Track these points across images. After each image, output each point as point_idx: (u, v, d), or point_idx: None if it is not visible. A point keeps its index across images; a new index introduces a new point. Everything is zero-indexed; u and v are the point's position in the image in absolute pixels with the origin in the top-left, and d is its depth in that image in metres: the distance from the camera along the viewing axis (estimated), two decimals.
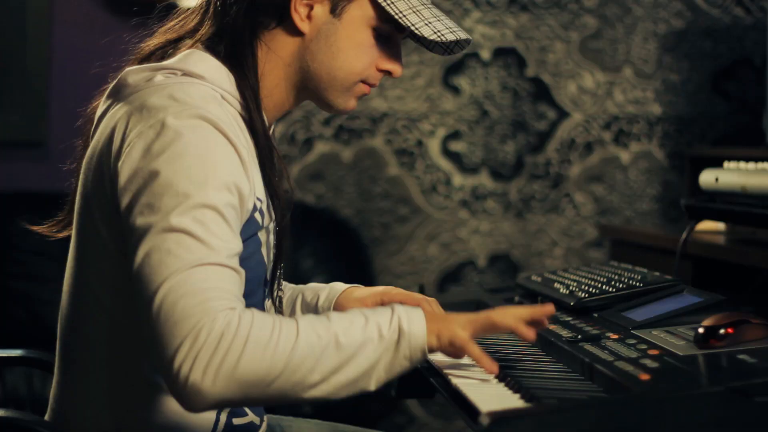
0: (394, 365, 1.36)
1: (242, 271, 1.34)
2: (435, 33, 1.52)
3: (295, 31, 1.52)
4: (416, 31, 1.51)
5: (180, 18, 1.59)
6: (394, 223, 3.41)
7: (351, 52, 1.52)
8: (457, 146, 3.41)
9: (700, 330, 1.50)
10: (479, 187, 3.42)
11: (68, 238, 1.56)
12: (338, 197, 3.40)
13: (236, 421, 1.52)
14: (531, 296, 2.04)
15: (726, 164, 2.21)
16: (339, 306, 1.73)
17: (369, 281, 3.32)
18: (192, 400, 1.25)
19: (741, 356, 1.43)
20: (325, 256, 3.27)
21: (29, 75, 3.37)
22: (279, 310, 1.66)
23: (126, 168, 1.35)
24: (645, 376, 1.37)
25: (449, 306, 1.74)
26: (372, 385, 1.34)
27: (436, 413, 3.39)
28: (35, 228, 1.63)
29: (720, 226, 2.48)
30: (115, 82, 1.50)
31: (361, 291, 1.74)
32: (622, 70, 3.46)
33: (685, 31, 3.47)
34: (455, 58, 3.36)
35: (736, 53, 3.48)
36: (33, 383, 2.97)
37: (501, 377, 1.48)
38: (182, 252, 1.28)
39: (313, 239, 3.27)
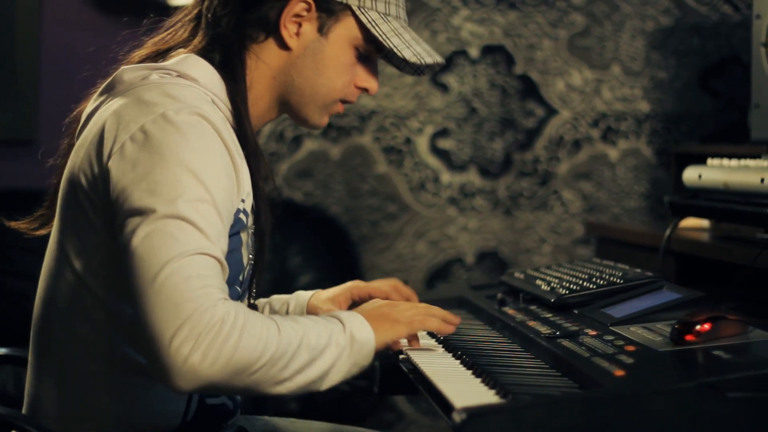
0: (345, 370, 1.43)
1: (227, 269, 1.39)
2: (415, 55, 1.60)
3: (283, 46, 1.58)
4: (399, 53, 1.58)
5: (170, 30, 1.64)
6: (383, 221, 3.41)
7: (334, 70, 1.59)
8: (445, 144, 3.42)
9: (677, 326, 1.51)
10: (467, 185, 3.42)
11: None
12: (327, 195, 3.40)
13: (209, 400, 1.56)
14: (513, 293, 2.04)
15: (709, 161, 2.21)
16: (312, 309, 1.82)
17: (357, 278, 3.31)
18: (184, 380, 1.28)
19: (716, 352, 1.43)
20: (313, 253, 3.27)
21: (18, 73, 3.37)
22: None
23: (125, 158, 1.38)
24: (619, 372, 1.38)
25: (433, 303, 1.74)
26: (323, 387, 1.41)
27: (425, 410, 3.40)
28: (13, 224, 1.64)
29: (705, 222, 2.49)
30: (109, 79, 1.54)
31: (329, 291, 1.84)
32: (610, 67, 3.47)
33: (673, 28, 3.47)
34: (443, 56, 3.36)
35: (724, 51, 3.49)
36: (22, 381, 2.97)
37: (478, 373, 1.49)
38: (184, 238, 1.33)
39: (302, 237, 3.27)
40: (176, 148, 1.37)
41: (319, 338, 1.40)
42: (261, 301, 1.86)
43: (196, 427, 1.54)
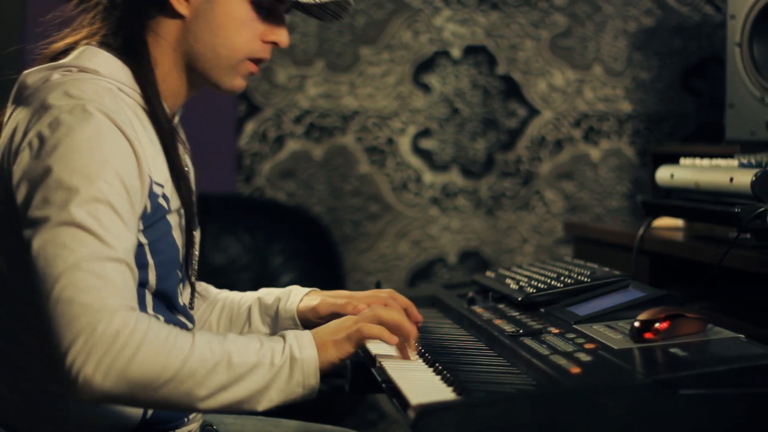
0: (287, 391, 1.40)
1: (135, 269, 1.38)
2: None
3: (176, 15, 1.55)
4: None
5: (76, 22, 1.63)
6: (365, 221, 3.42)
7: (230, 28, 1.55)
8: (427, 144, 3.43)
9: (636, 324, 1.52)
10: (450, 185, 3.44)
11: None
12: (309, 195, 3.41)
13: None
14: (484, 292, 2.06)
15: (682, 161, 2.23)
16: (301, 314, 1.75)
17: (340, 278, 3.33)
18: (81, 393, 1.30)
19: (673, 350, 1.44)
20: (295, 253, 3.28)
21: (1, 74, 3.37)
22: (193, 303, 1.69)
23: (21, 166, 1.40)
24: (576, 370, 1.39)
25: None
26: (260, 408, 1.38)
27: None
28: None
29: (680, 222, 2.50)
30: (16, 86, 1.54)
31: (320, 297, 1.74)
32: (592, 67, 3.48)
33: (655, 28, 3.49)
34: (425, 56, 3.38)
35: (705, 51, 3.50)
36: None
37: (438, 370, 1.50)
38: (77, 246, 1.32)
39: (284, 237, 3.28)
40: (67, 152, 1.37)
41: (247, 357, 1.37)
42: (246, 296, 1.81)
43: (156, 423, 1.54)
